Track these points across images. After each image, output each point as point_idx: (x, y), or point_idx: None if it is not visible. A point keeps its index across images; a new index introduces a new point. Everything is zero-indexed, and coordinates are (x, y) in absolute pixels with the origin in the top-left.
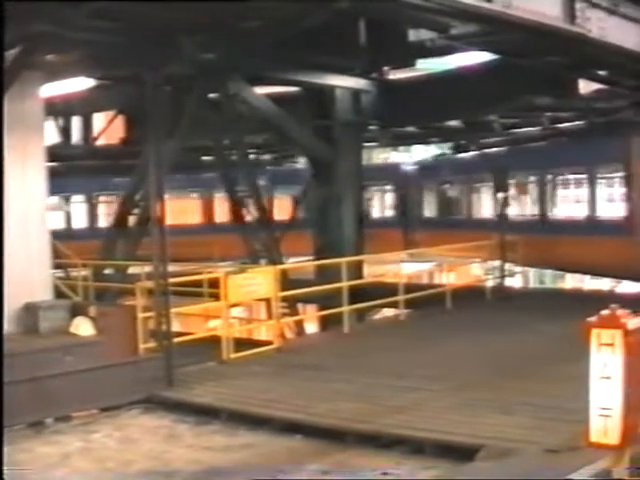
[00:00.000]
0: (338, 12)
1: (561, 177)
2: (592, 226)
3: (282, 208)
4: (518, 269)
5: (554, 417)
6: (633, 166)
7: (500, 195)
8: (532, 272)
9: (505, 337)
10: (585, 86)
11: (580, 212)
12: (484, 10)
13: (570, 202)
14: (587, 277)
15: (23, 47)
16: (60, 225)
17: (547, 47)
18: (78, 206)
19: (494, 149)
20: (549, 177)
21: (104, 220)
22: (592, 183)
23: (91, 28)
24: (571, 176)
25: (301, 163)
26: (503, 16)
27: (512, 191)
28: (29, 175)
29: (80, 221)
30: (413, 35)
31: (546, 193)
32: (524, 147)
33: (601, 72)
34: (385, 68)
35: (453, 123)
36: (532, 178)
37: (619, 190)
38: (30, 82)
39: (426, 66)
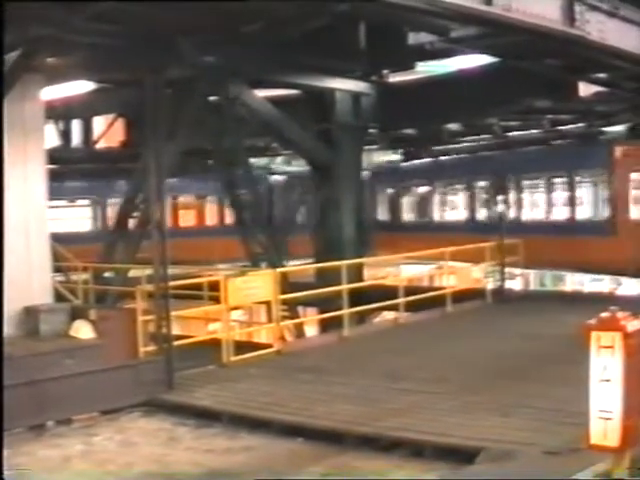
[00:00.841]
0: (338, 15)
1: (556, 180)
2: (579, 226)
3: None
4: (518, 271)
5: (554, 419)
6: (616, 171)
7: (500, 197)
8: (533, 274)
9: (505, 339)
10: (585, 89)
11: (569, 213)
12: (484, 13)
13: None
14: (587, 279)
15: (23, 50)
16: None
17: (546, 50)
18: None
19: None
20: (540, 181)
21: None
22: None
23: (91, 31)
24: (561, 180)
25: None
26: (503, 19)
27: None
28: (29, 178)
29: None
30: (413, 38)
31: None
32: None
33: (601, 75)
34: (385, 71)
35: (453, 126)
36: (526, 182)
37: (603, 193)
38: (30, 85)
39: (426, 69)
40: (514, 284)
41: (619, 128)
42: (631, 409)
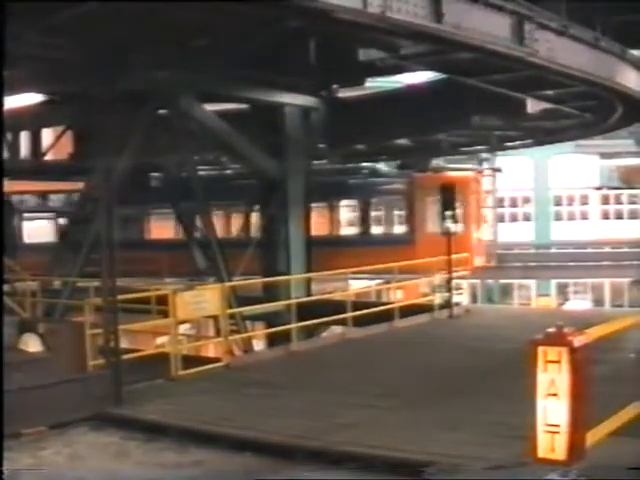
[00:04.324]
0: (290, 30)
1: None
2: (387, 239)
3: None
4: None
5: (502, 433)
6: (414, 196)
7: (448, 213)
8: (479, 289)
9: (452, 354)
10: (533, 106)
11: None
12: (434, 30)
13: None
14: (531, 295)
15: None
16: None
17: (495, 67)
18: None
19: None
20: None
21: None
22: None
23: (42, 44)
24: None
25: None
26: (452, 37)
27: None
28: None
29: None
30: (363, 54)
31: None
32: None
33: (549, 92)
34: (334, 86)
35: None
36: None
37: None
38: None
39: (375, 84)
40: (461, 298)
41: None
42: (578, 423)
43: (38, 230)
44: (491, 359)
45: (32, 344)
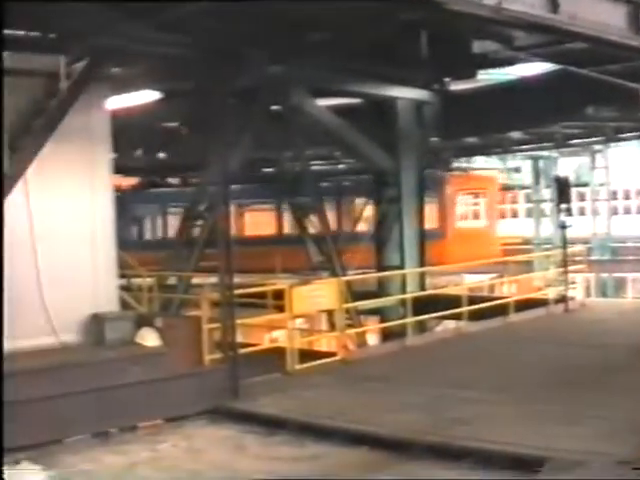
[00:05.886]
0: (405, 24)
1: None
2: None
3: None
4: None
5: (623, 428)
6: (445, 193)
7: (563, 206)
8: (593, 282)
9: (568, 348)
10: None
11: None
12: (549, 21)
13: None
14: None
15: (90, 60)
16: None
17: (610, 57)
18: None
19: None
20: None
21: None
22: None
23: (158, 41)
24: None
25: None
26: (568, 27)
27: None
28: (96, 186)
29: None
30: (477, 46)
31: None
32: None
33: None
34: (446, 79)
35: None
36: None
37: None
38: (96, 94)
39: (486, 77)
40: (576, 292)
41: None
42: None
43: None
44: (610, 353)
45: (149, 338)
